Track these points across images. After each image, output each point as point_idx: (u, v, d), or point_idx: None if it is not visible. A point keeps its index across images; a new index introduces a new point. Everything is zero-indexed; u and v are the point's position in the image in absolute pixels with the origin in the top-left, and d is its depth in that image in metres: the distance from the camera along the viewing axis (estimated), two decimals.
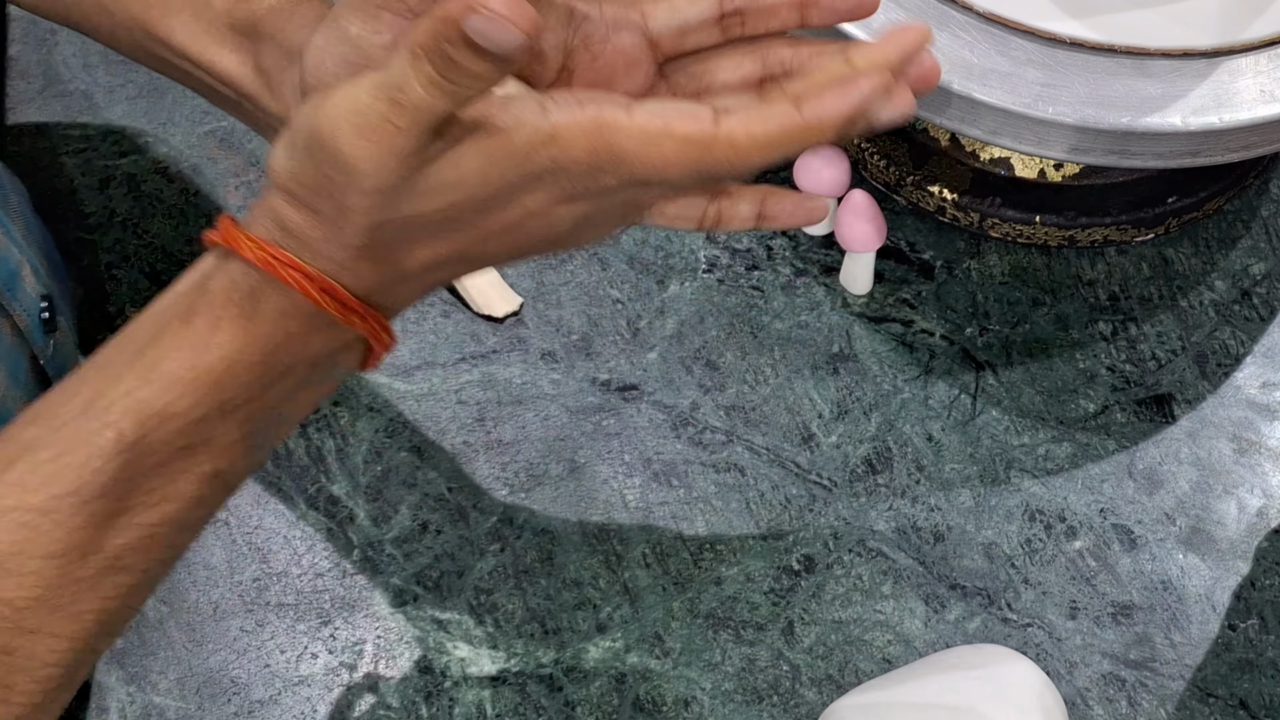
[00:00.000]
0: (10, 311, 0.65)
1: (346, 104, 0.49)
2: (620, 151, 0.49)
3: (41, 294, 0.67)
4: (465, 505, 0.71)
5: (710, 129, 0.49)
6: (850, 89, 0.49)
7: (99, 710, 0.66)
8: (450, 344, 0.75)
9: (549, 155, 0.49)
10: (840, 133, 0.50)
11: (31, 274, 0.67)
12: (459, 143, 0.49)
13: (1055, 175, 0.77)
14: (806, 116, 0.49)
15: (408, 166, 0.49)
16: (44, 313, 0.67)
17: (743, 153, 0.49)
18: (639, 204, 0.54)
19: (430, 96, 0.48)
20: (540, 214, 0.51)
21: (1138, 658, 0.68)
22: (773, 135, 0.49)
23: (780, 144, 0.49)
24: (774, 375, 0.74)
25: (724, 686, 0.67)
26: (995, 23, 0.68)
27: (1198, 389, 0.74)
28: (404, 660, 0.67)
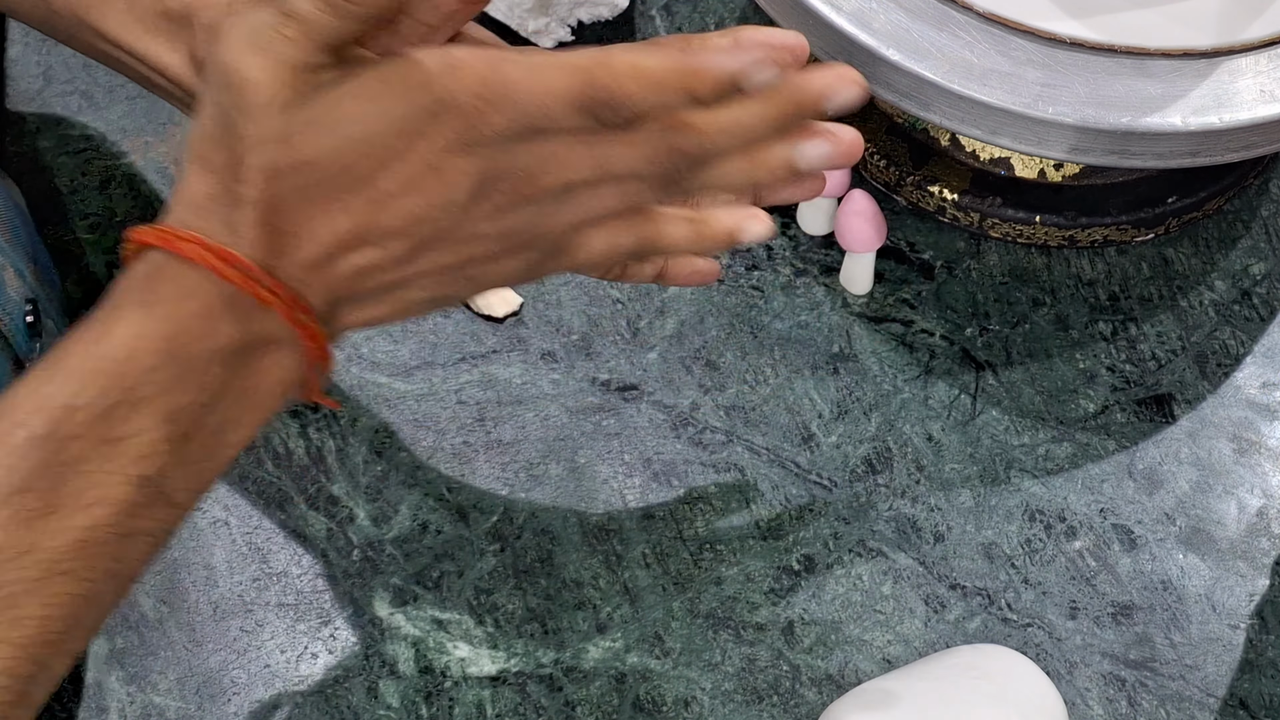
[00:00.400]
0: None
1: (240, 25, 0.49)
2: (508, 80, 0.49)
3: (26, 296, 0.67)
4: (465, 505, 0.71)
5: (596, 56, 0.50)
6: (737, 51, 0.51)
7: (99, 710, 0.66)
8: (450, 344, 0.75)
9: (443, 87, 0.49)
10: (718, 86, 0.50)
11: (15, 276, 0.67)
12: (356, 73, 0.49)
13: (1055, 175, 0.77)
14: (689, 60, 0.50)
15: (301, 84, 0.49)
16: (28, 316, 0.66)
17: (622, 81, 0.49)
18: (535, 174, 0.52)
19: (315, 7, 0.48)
20: (436, 167, 0.50)
21: (1138, 658, 0.68)
22: (654, 68, 0.49)
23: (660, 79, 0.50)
24: (774, 375, 0.74)
25: (724, 686, 0.67)
26: (995, 23, 0.68)
27: (1198, 389, 0.74)
28: (404, 660, 0.67)
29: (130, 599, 0.68)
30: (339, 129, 0.49)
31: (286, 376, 0.53)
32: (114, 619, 0.67)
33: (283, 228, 0.50)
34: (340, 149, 0.49)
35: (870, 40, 0.67)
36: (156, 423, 0.50)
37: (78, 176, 0.79)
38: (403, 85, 0.49)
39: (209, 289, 0.50)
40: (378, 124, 0.49)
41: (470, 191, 0.51)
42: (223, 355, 0.51)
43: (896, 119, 0.79)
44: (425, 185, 0.50)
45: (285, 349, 0.52)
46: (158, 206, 0.78)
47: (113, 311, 0.50)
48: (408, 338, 0.75)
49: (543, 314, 0.75)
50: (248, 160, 0.49)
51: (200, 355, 0.50)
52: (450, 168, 0.50)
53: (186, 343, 0.50)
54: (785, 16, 0.70)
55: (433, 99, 0.49)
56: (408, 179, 0.50)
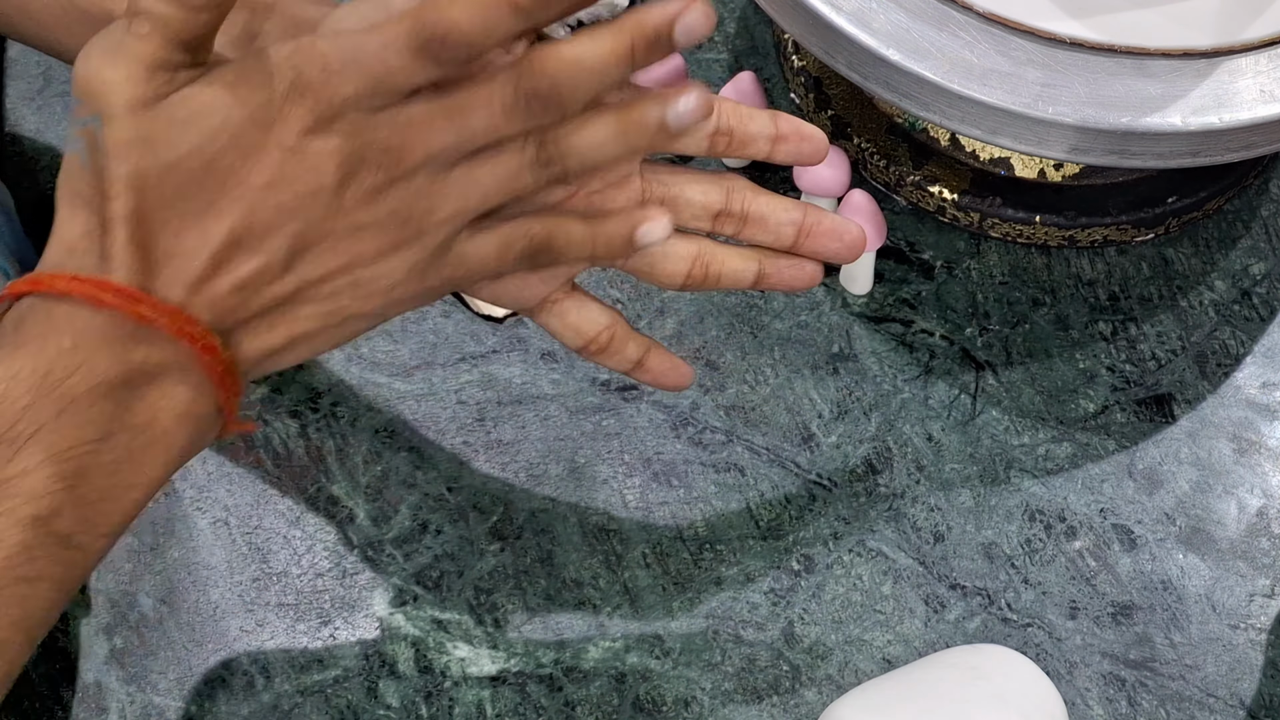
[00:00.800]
0: None
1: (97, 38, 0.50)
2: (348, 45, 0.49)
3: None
4: (465, 505, 0.71)
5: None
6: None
7: (99, 710, 0.66)
8: (450, 344, 0.75)
9: (290, 65, 0.50)
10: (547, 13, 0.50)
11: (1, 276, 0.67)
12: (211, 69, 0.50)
13: (1055, 175, 0.77)
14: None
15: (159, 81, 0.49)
16: None
17: (443, 8, 0.49)
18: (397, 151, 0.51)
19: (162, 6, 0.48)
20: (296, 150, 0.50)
21: (1138, 658, 0.68)
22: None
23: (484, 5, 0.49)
24: (774, 375, 0.74)
25: (724, 686, 0.67)
26: (995, 23, 0.68)
27: (1198, 389, 0.74)
28: (404, 660, 0.67)
29: (130, 599, 0.68)
30: (198, 124, 0.49)
31: (186, 408, 0.51)
32: (114, 619, 0.67)
33: (156, 245, 0.50)
34: (201, 145, 0.49)
35: (870, 40, 0.67)
36: (41, 461, 0.49)
37: None
38: (255, 72, 0.50)
39: (81, 322, 0.49)
40: (234, 114, 0.49)
41: (336, 174, 0.50)
42: (105, 389, 0.49)
43: (896, 119, 0.79)
44: (290, 173, 0.50)
45: (178, 376, 0.51)
46: None
47: None
48: (408, 338, 0.75)
49: None
50: (113, 170, 0.49)
51: (78, 390, 0.49)
52: (311, 150, 0.50)
53: (61, 378, 0.49)
54: (785, 16, 0.70)
55: (283, 81, 0.50)
56: (271, 169, 0.50)
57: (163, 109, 0.49)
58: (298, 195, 0.50)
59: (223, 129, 0.49)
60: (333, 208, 0.51)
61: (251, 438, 0.72)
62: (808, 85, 0.81)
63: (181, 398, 0.51)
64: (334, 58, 0.49)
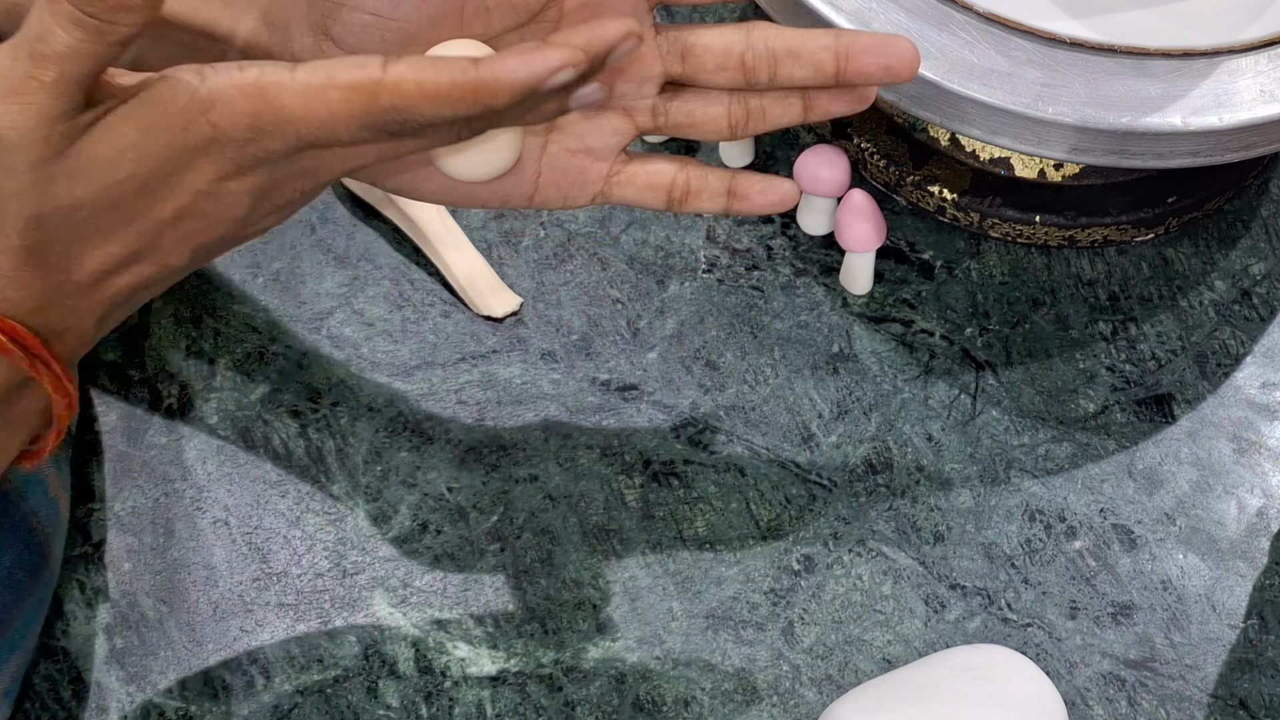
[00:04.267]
0: None
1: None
2: (282, 109, 0.46)
3: None
4: (465, 505, 0.71)
5: (376, 75, 0.46)
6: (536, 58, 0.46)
7: (99, 710, 0.66)
8: (450, 344, 0.75)
9: (208, 121, 0.47)
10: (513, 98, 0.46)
11: None
12: (113, 113, 0.46)
13: (1055, 175, 0.77)
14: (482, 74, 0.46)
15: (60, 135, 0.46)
16: None
17: (411, 101, 0.46)
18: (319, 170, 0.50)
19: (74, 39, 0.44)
20: (210, 193, 0.48)
21: (1138, 658, 0.68)
22: (443, 87, 0.46)
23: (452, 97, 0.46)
24: (774, 375, 0.74)
25: (724, 686, 0.67)
26: (995, 23, 0.68)
27: (1198, 389, 0.74)
28: (404, 660, 0.67)
29: (130, 599, 0.68)
30: (101, 175, 0.47)
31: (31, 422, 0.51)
32: (114, 619, 0.67)
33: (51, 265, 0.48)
34: (104, 192, 0.47)
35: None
36: None
37: None
38: (162, 126, 0.47)
39: None
40: (141, 167, 0.47)
41: (252, 204, 0.49)
42: None
43: (896, 119, 0.79)
44: (202, 209, 0.49)
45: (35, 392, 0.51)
46: None
47: None
48: (408, 338, 0.75)
49: (543, 314, 0.75)
50: (6, 210, 0.47)
51: None
52: (226, 192, 0.48)
53: None
54: (785, 16, 0.70)
55: (197, 138, 0.47)
56: (182, 207, 0.48)
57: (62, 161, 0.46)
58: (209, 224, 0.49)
59: (127, 180, 0.47)
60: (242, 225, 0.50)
61: (251, 437, 0.72)
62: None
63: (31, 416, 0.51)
64: (262, 120, 0.47)
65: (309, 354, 0.74)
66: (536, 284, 0.76)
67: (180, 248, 0.50)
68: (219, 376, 0.73)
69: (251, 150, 0.47)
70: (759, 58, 0.56)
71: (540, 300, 0.76)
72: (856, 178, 0.79)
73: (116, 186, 0.47)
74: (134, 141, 0.47)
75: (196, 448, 0.72)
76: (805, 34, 0.56)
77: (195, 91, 0.46)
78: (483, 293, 0.75)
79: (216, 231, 0.50)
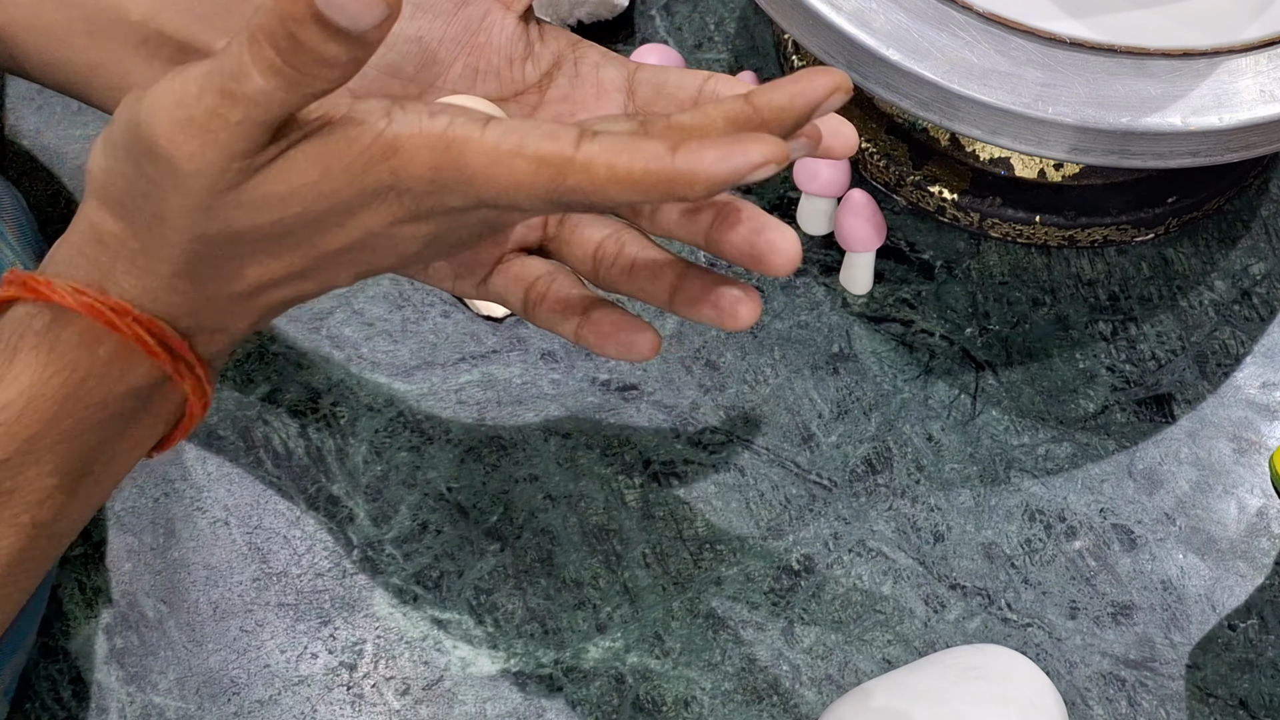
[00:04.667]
0: None
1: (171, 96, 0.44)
2: (467, 169, 0.44)
3: None
4: (465, 505, 0.71)
5: (568, 152, 0.44)
6: (737, 152, 0.43)
7: (99, 710, 0.66)
8: (450, 344, 0.75)
9: (389, 169, 0.45)
10: (714, 192, 0.44)
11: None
12: (293, 149, 0.45)
13: (1055, 175, 0.77)
14: (679, 165, 0.43)
15: (237, 170, 0.45)
16: None
17: (600, 184, 0.44)
18: (494, 224, 0.49)
19: (270, 85, 0.43)
20: (383, 234, 0.47)
21: (1138, 658, 0.68)
22: (635, 174, 0.43)
23: (643, 185, 0.43)
24: (774, 375, 0.74)
25: (724, 686, 0.67)
26: (995, 23, 0.68)
27: (1198, 389, 0.74)
28: (404, 660, 0.67)
29: (130, 599, 0.68)
30: (274, 210, 0.46)
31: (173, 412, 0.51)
32: (114, 619, 0.67)
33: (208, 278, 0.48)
34: (275, 224, 0.46)
35: (870, 40, 0.67)
36: (51, 471, 0.48)
37: (78, 176, 0.79)
38: (341, 169, 0.45)
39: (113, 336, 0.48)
40: (316, 205, 0.46)
41: (423, 247, 0.48)
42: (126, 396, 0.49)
43: (896, 119, 0.79)
44: (372, 245, 0.48)
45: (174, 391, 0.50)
46: None
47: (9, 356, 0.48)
48: (408, 338, 0.75)
49: None
50: (172, 225, 0.46)
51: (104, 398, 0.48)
52: (400, 235, 0.47)
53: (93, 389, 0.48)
54: (785, 16, 0.70)
55: (376, 183, 0.45)
56: (352, 243, 0.47)
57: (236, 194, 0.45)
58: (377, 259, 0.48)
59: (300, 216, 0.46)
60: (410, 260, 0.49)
61: (251, 437, 0.72)
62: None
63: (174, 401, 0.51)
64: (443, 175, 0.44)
65: (309, 354, 0.74)
66: None
67: (344, 271, 0.49)
68: (219, 376, 0.73)
69: (429, 202, 0.46)
70: (612, 266, 0.54)
71: None
72: (856, 178, 0.79)
73: (288, 220, 0.46)
74: (311, 181, 0.45)
75: (196, 448, 0.72)
76: (656, 252, 0.54)
77: (380, 135, 0.45)
78: None
79: (384, 263, 0.49)
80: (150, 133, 0.44)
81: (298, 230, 0.46)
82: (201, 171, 0.44)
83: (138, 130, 0.45)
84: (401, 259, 0.49)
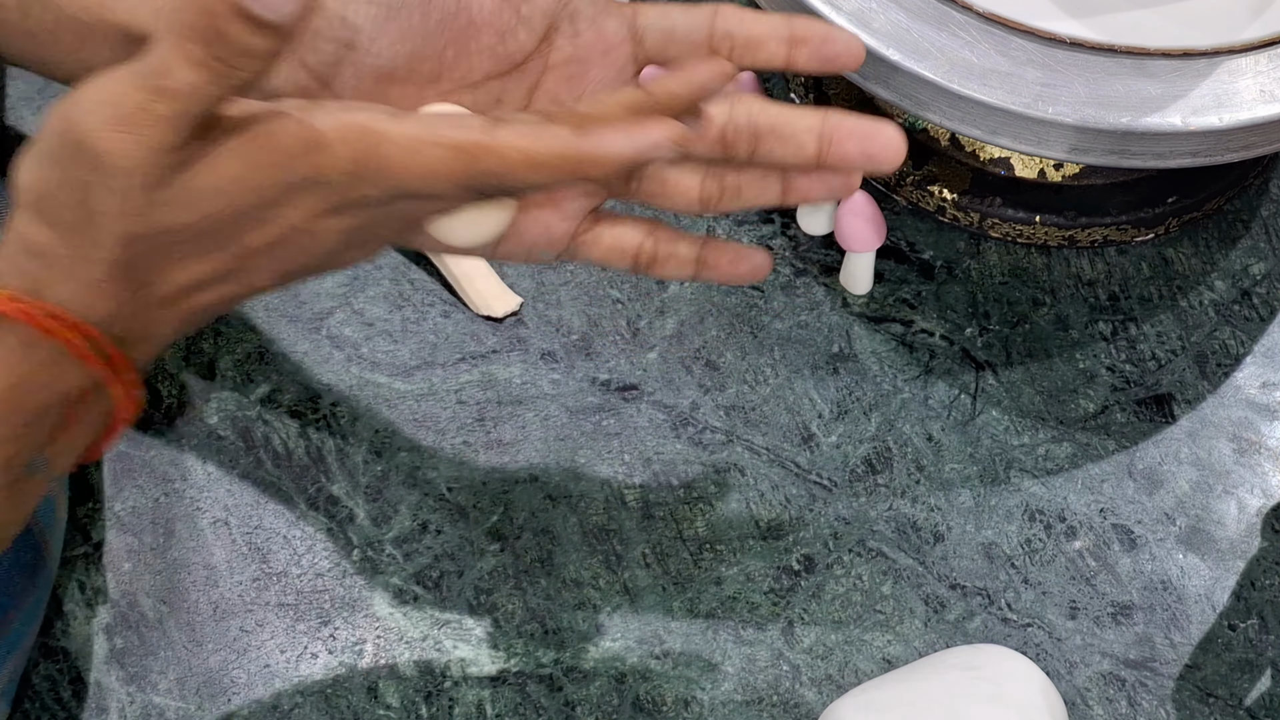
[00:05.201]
0: None
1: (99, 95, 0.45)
2: (384, 159, 0.47)
3: None
4: (465, 505, 0.71)
5: (480, 139, 0.47)
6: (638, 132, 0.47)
7: (99, 710, 0.66)
8: (450, 344, 0.75)
9: (311, 162, 0.47)
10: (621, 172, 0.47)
11: None
12: (218, 145, 0.47)
13: (1055, 175, 0.77)
14: (583, 146, 0.47)
15: (166, 165, 0.46)
16: None
17: (513, 168, 0.47)
18: (411, 217, 0.51)
19: (196, 79, 0.44)
20: (305, 229, 0.49)
21: (1138, 658, 0.68)
22: (545, 157, 0.47)
23: (552, 167, 0.47)
24: (774, 375, 0.74)
25: (724, 686, 0.67)
26: (995, 23, 0.68)
27: (1198, 389, 0.74)
28: (404, 660, 0.67)
29: (130, 599, 0.68)
30: (201, 205, 0.47)
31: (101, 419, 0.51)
32: (114, 619, 0.67)
33: (138, 280, 0.49)
34: (202, 220, 0.48)
35: (870, 40, 0.67)
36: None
37: None
38: (266, 162, 0.47)
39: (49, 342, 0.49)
40: (241, 199, 0.47)
41: (343, 241, 0.50)
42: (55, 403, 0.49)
43: (897, 119, 0.79)
44: (295, 241, 0.49)
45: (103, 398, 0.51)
46: None
47: None
48: (408, 338, 0.75)
49: (543, 314, 0.75)
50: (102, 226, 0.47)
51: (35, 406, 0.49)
52: (321, 228, 0.49)
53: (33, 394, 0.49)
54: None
55: (298, 176, 0.47)
56: (274, 238, 0.49)
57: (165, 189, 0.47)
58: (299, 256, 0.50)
59: (226, 210, 0.47)
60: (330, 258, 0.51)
61: (251, 437, 0.72)
62: (808, 85, 0.81)
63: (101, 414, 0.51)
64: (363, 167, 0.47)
65: (309, 354, 0.74)
66: (536, 284, 0.76)
67: (266, 272, 0.50)
68: (219, 376, 0.73)
69: (349, 194, 0.48)
70: (739, 132, 0.55)
71: (540, 300, 0.76)
72: None
73: (214, 215, 0.48)
74: (236, 175, 0.47)
75: (196, 448, 0.72)
76: (790, 112, 0.55)
77: (301, 131, 0.47)
78: (482, 293, 0.75)
79: (305, 261, 0.50)
80: (80, 132, 0.45)
81: (224, 227, 0.48)
82: (132, 167, 0.46)
83: (68, 133, 0.46)
84: (323, 257, 0.50)
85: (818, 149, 0.55)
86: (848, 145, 0.54)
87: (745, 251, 0.58)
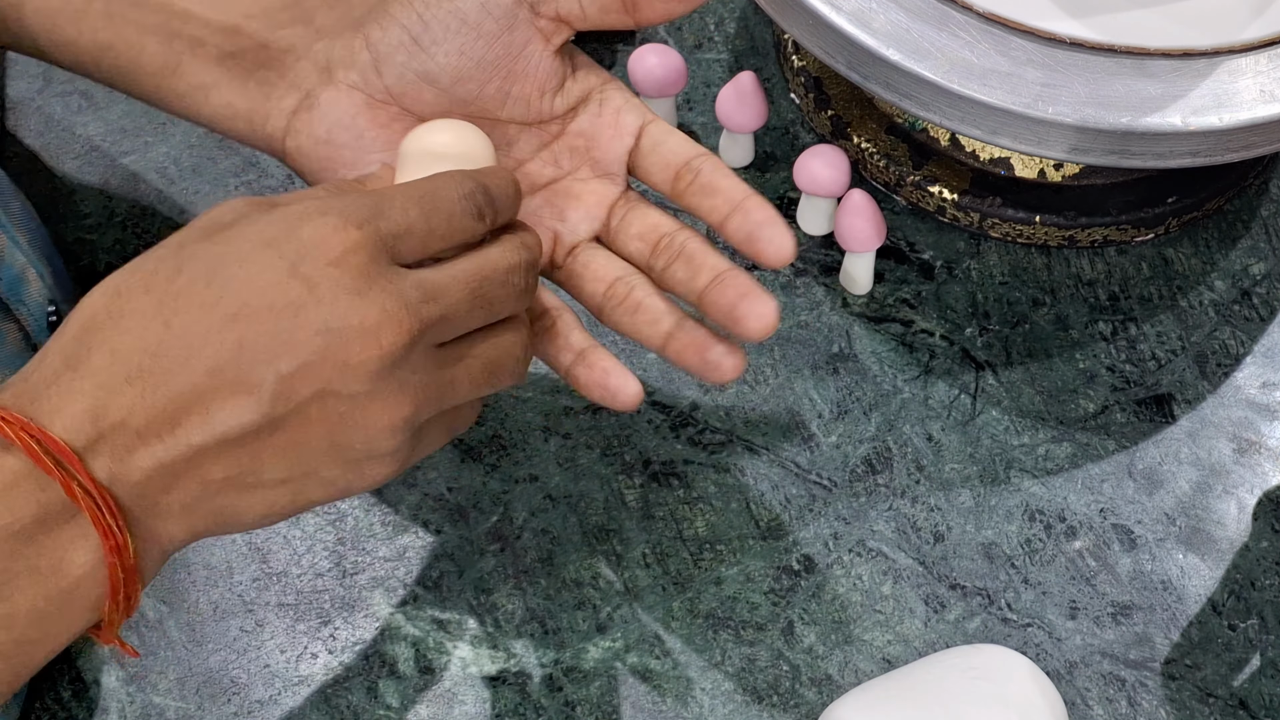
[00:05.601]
0: (17, 315, 0.65)
1: None
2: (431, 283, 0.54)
3: (48, 299, 0.67)
4: (465, 505, 0.71)
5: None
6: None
7: (99, 710, 0.66)
8: None
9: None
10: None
11: (37, 278, 0.67)
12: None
13: (1055, 175, 0.77)
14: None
15: None
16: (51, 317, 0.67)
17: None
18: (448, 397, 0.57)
19: None
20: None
21: (1138, 658, 0.68)
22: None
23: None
24: (774, 375, 0.74)
25: (724, 686, 0.67)
26: (995, 23, 0.68)
27: (1198, 389, 0.74)
28: (404, 660, 0.67)
29: None
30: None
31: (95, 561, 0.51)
32: None
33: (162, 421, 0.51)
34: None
35: (870, 40, 0.67)
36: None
37: (78, 176, 0.79)
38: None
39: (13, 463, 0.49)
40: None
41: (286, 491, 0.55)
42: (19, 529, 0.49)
43: (896, 119, 0.79)
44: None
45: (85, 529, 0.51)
46: (157, 206, 0.78)
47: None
48: None
49: None
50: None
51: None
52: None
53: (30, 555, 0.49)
54: (785, 16, 0.70)
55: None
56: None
57: None
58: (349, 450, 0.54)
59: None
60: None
61: None
62: (808, 85, 0.81)
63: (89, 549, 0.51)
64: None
65: None
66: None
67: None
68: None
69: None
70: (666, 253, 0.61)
71: None
72: (856, 178, 0.79)
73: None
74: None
75: None
76: (661, 300, 0.61)
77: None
78: None
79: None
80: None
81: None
82: None
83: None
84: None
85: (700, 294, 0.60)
86: (714, 314, 0.60)
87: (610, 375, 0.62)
